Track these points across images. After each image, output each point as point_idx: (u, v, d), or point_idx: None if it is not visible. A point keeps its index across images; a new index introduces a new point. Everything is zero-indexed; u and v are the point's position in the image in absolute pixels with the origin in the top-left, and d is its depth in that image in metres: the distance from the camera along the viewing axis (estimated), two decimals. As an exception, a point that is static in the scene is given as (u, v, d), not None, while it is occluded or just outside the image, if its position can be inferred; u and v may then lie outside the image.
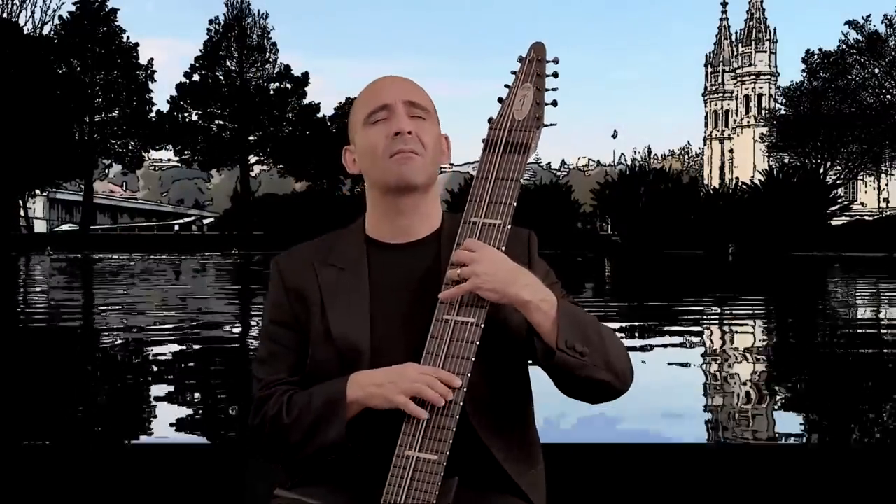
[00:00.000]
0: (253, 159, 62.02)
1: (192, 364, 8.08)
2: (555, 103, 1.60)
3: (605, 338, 1.52)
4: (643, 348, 9.20)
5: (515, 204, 1.53)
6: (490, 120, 1.61)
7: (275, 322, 1.60)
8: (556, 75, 1.61)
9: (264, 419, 1.54)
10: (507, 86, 1.62)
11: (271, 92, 59.74)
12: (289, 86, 59.91)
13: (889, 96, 59.06)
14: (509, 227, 1.53)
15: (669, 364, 8.10)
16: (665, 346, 9.43)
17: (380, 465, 1.47)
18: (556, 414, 4.56)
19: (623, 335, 9.98)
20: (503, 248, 1.52)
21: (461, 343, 1.48)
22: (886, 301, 17.01)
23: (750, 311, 14.49)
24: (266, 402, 1.55)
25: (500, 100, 1.62)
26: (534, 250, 1.64)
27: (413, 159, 1.55)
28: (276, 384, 1.57)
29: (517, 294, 1.48)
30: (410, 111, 1.57)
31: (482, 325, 1.49)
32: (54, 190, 65.34)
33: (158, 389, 6.69)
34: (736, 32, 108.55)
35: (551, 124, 1.60)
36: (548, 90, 1.61)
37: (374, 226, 1.63)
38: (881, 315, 14.18)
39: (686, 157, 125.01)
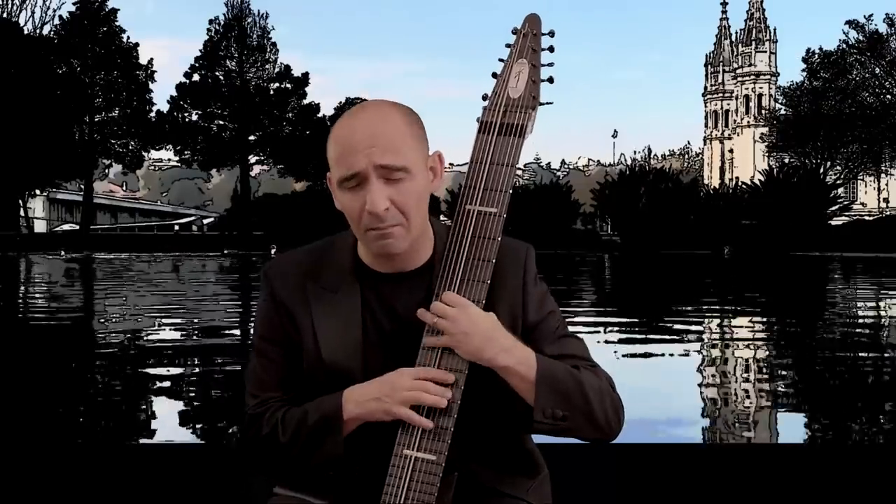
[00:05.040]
0: (253, 159, 62.04)
1: (192, 364, 8.08)
2: (551, 80, 1.53)
3: (590, 393, 1.46)
4: (643, 349, 9.20)
5: (511, 191, 1.48)
6: (484, 97, 1.53)
7: (265, 338, 1.56)
8: (552, 49, 1.53)
9: (258, 437, 1.52)
10: (501, 59, 1.54)
11: (271, 92, 59.75)
12: (289, 86, 59.93)
13: (889, 96, 59.08)
14: (504, 216, 1.47)
15: (669, 364, 8.10)
16: (664, 346, 9.43)
17: (378, 466, 1.45)
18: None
19: (622, 336, 9.99)
20: (497, 239, 1.46)
21: None
22: (886, 301, 17.00)
23: (749, 311, 14.49)
24: (260, 419, 1.52)
25: (494, 75, 1.54)
26: (530, 267, 1.55)
27: (392, 234, 1.44)
28: (269, 401, 1.54)
29: (493, 358, 1.43)
30: (386, 176, 1.42)
31: None
32: (54, 190, 65.36)
33: (158, 389, 6.69)
34: (736, 32, 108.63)
35: (548, 103, 1.53)
36: (543, 65, 1.53)
37: (364, 254, 1.55)
38: (882, 315, 14.18)
39: (686, 157, 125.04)
